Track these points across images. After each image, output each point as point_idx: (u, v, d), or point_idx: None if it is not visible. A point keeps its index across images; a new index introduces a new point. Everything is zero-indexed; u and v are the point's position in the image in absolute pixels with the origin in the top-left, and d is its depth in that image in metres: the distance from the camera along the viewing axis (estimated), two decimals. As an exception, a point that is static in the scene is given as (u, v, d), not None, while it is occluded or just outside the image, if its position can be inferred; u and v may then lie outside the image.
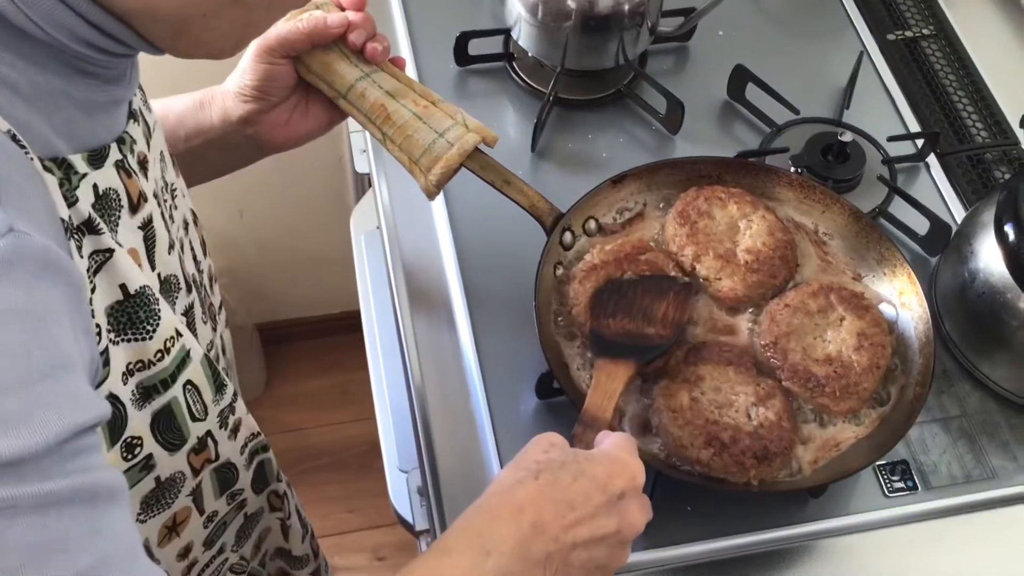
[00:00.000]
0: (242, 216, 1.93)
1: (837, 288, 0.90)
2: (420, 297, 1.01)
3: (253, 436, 0.82)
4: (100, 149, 0.63)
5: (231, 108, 0.90)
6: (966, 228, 0.97)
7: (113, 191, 0.64)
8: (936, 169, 1.11)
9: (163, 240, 0.71)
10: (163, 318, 0.65)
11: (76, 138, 0.61)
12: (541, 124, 1.10)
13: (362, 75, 0.88)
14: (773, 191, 0.98)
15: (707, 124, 1.14)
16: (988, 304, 0.92)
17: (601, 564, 0.68)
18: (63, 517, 0.49)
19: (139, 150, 0.69)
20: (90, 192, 0.61)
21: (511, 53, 1.18)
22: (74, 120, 0.61)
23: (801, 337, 0.87)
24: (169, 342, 0.66)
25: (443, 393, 0.95)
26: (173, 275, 0.73)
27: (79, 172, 0.60)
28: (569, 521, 0.66)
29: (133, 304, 0.63)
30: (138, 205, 0.67)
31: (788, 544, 0.87)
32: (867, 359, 0.86)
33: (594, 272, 0.90)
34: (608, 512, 0.68)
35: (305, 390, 2.20)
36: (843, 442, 0.86)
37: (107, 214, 0.63)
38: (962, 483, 0.90)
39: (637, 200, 0.97)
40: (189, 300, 0.76)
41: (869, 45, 1.22)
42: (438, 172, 0.87)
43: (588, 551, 0.67)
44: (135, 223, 0.67)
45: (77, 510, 0.50)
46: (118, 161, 0.65)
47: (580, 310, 0.89)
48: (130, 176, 0.66)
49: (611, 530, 0.67)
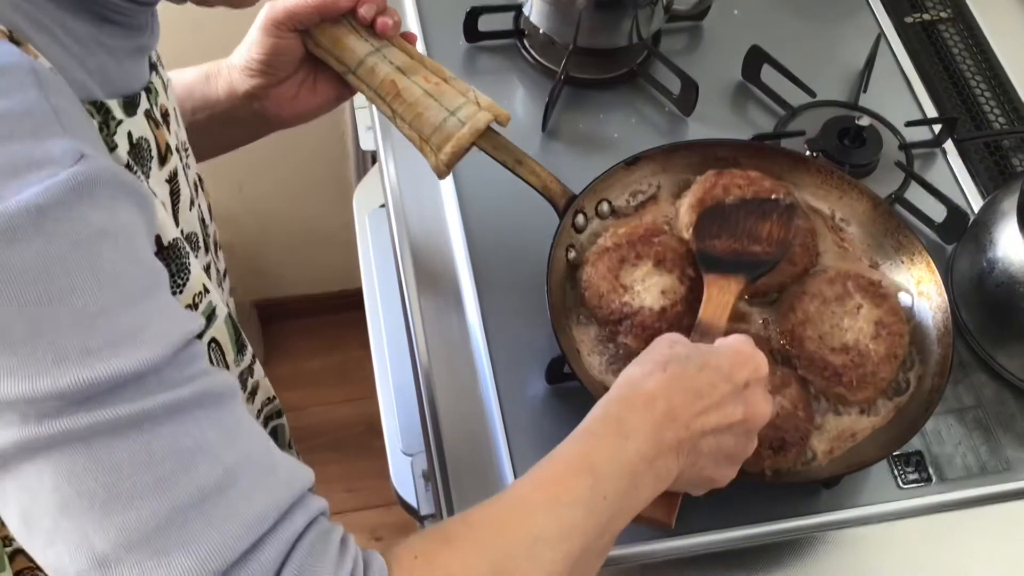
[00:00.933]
0: (241, 190, 1.91)
1: (855, 276, 0.88)
2: (427, 277, 0.99)
3: (269, 400, 0.82)
4: (133, 96, 0.63)
5: (237, 82, 0.88)
6: (985, 216, 0.95)
7: (145, 140, 0.64)
8: (953, 155, 1.09)
9: (185, 195, 0.71)
10: (192, 273, 0.65)
11: (109, 83, 0.61)
12: (552, 103, 1.08)
13: (372, 50, 0.86)
14: (790, 175, 0.95)
15: (721, 106, 1.12)
16: (1006, 294, 0.90)
17: (729, 453, 0.69)
18: (199, 421, 0.51)
19: (161, 102, 0.69)
20: (126, 140, 0.61)
21: (522, 30, 1.15)
22: (106, 65, 0.61)
23: (818, 326, 0.86)
24: (198, 297, 0.66)
25: (451, 377, 0.93)
26: (194, 232, 0.73)
27: (116, 118, 0.60)
28: (698, 409, 0.67)
29: (167, 256, 0.63)
30: (165, 157, 0.67)
31: (801, 535, 0.86)
32: (884, 348, 0.85)
33: (607, 254, 0.88)
34: (734, 401, 0.69)
35: (303, 369, 2.18)
36: (859, 432, 0.84)
37: (141, 163, 0.63)
38: (977, 475, 0.89)
39: (651, 183, 0.95)
40: (207, 260, 0.76)
41: (886, 28, 1.20)
42: (449, 151, 0.85)
43: (716, 439, 0.68)
44: (163, 175, 0.66)
45: (209, 412, 0.52)
46: (147, 110, 0.65)
47: (592, 293, 0.87)
48: (158, 126, 0.66)
49: (737, 418, 0.68)
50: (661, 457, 0.65)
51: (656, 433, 0.66)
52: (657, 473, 0.65)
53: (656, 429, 0.66)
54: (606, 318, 0.86)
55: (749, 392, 0.69)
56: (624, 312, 0.85)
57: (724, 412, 0.68)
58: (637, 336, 0.84)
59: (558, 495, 0.62)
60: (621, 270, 0.87)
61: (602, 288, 0.87)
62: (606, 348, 0.87)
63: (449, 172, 0.87)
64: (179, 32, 1.17)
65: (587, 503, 0.62)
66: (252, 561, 0.50)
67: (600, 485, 0.63)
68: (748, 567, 0.84)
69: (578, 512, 0.61)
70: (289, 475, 0.55)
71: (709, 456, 0.68)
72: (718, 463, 0.69)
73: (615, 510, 0.63)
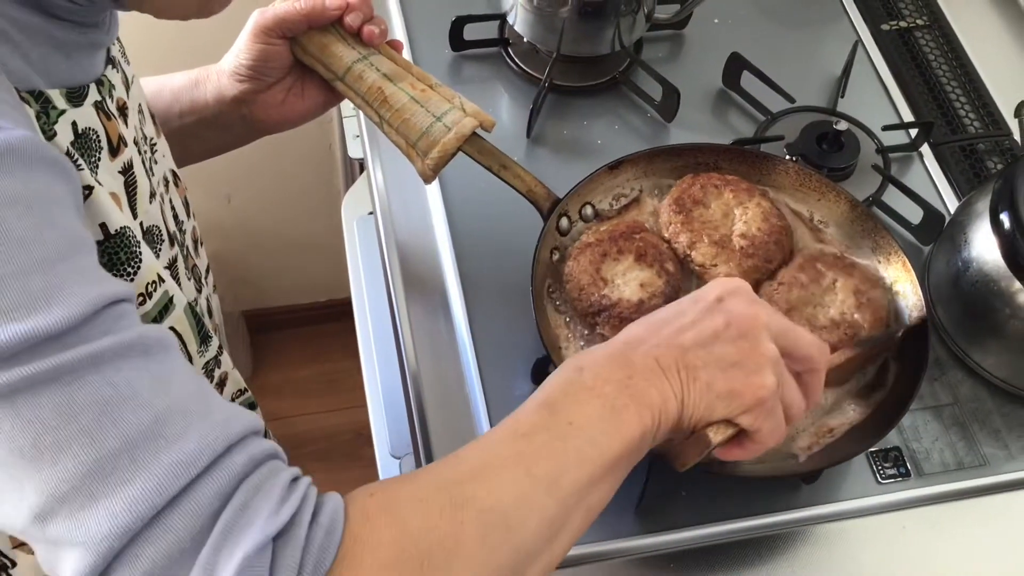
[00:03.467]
0: (230, 201, 1.92)
1: (820, 256, 0.91)
2: (415, 282, 1.01)
3: (240, 392, 0.83)
4: (79, 88, 0.64)
5: (226, 87, 0.90)
6: (960, 217, 0.97)
7: (93, 131, 0.64)
8: (930, 159, 1.12)
9: (144, 188, 0.71)
10: (144, 261, 0.66)
11: (53, 75, 0.62)
12: (537, 110, 1.10)
13: (359, 57, 0.88)
14: (770, 179, 0.98)
15: (702, 112, 1.14)
16: (981, 293, 0.92)
17: (733, 361, 0.66)
18: (122, 371, 0.51)
19: (118, 95, 0.70)
20: (69, 129, 0.62)
21: (507, 39, 1.17)
22: (51, 57, 0.62)
23: (802, 310, 0.88)
24: (151, 286, 0.67)
25: (438, 378, 0.94)
26: (156, 226, 0.73)
27: (57, 108, 0.61)
28: (668, 332, 0.66)
29: (114, 244, 0.64)
30: (118, 149, 0.68)
31: (781, 529, 0.87)
32: (871, 315, 0.87)
33: (589, 249, 0.90)
34: (708, 314, 0.67)
35: (291, 378, 2.19)
36: (836, 428, 0.86)
37: (87, 153, 0.63)
38: (954, 470, 0.91)
39: (633, 186, 0.97)
40: (172, 254, 0.77)
41: (864, 35, 1.22)
42: (435, 156, 0.87)
43: (706, 350, 0.65)
44: (115, 167, 0.67)
45: (134, 362, 0.52)
46: (97, 102, 0.66)
47: (573, 286, 0.89)
48: (109, 119, 0.67)
49: (719, 325, 0.66)
50: (635, 376, 0.63)
51: (614, 360, 0.64)
52: (637, 393, 0.63)
53: (613, 357, 0.65)
54: (585, 310, 0.88)
55: (724, 303, 0.68)
56: (603, 304, 0.87)
57: (700, 326, 0.66)
58: (615, 327, 0.86)
59: (515, 427, 0.61)
60: (603, 264, 0.89)
61: (583, 281, 0.88)
62: (589, 344, 0.88)
63: (435, 177, 0.89)
64: (171, 37, 1.19)
65: (548, 429, 0.61)
66: (186, 502, 0.50)
67: (561, 412, 0.62)
68: (729, 562, 0.85)
69: (538, 438, 0.60)
70: (226, 419, 0.54)
71: (709, 368, 0.65)
72: (727, 373, 0.65)
73: (595, 434, 0.61)
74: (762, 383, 0.66)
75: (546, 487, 0.59)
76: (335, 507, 0.54)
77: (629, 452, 0.63)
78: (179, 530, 0.49)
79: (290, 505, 0.52)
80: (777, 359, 0.67)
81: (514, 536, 0.57)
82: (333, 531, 0.52)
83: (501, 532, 0.56)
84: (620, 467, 0.63)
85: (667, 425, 0.65)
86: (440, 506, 0.55)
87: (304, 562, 0.51)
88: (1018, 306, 0.90)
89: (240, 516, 0.50)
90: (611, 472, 0.62)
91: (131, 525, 0.48)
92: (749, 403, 0.65)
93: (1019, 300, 0.90)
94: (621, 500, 0.85)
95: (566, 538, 0.60)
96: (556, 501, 0.59)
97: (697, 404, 0.65)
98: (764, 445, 0.68)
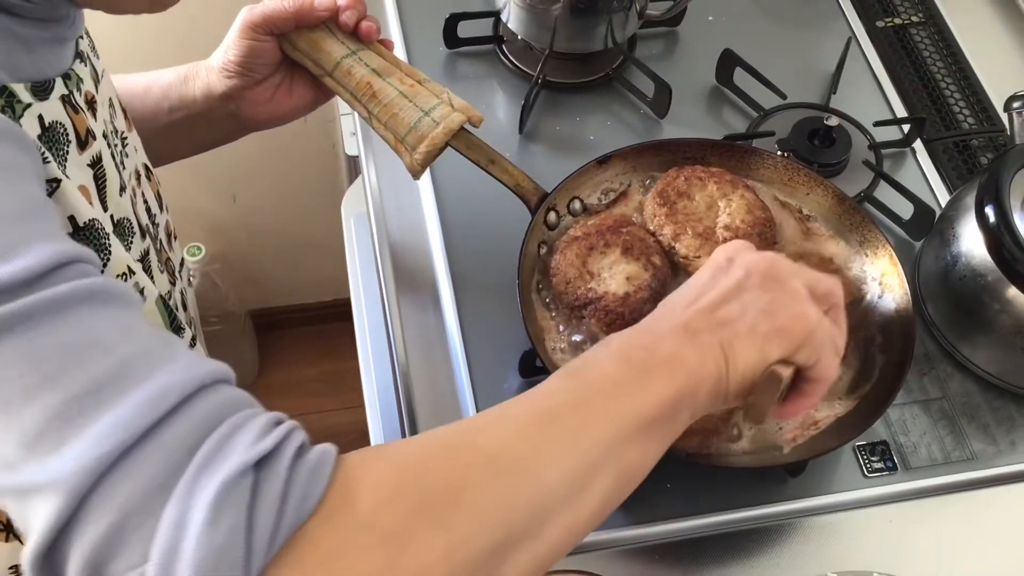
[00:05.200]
0: (235, 201, 1.93)
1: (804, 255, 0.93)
2: (406, 278, 1.02)
3: None
4: (44, 82, 0.64)
5: (214, 83, 0.91)
6: (949, 212, 0.97)
7: (60, 124, 0.65)
8: (922, 155, 1.12)
9: (114, 181, 0.72)
10: (114, 254, 0.67)
11: (17, 69, 0.62)
12: (529, 106, 1.10)
13: (348, 53, 0.89)
14: (758, 173, 0.98)
15: (695, 108, 1.15)
16: (969, 287, 0.92)
17: (768, 301, 0.65)
18: (84, 317, 0.50)
19: (86, 89, 0.71)
20: (35, 123, 0.62)
21: (500, 36, 1.18)
22: (14, 51, 0.62)
23: None
24: (121, 278, 0.68)
25: (428, 373, 0.95)
26: (126, 218, 0.74)
27: (22, 101, 0.61)
28: (687, 300, 0.65)
29: (82, 237, 0.64)
30: (86, 142, 0.68)
31: (768, 522, 0.87)
32: None
33: (576, 243, 0.90)
34: (725, 273, 0.67)
35: (296, 377, 2.20)
36: (821, 421, 0.86)
37: (55, 147, 0.64)
38: (942, 464, 0.91)
39: (622, 181, 0.98)
40: (145, 246, 0.77)
41: (858, 31, 1.23)
42: (423, 151, 0.87)
43: (735, 301, 0.65)
44: (84, 160, 0.68)
45: (96, 309, 0.51)
46: (64, 96, 0.66)
47: (560, 279, 0.90)
48: (77, 112, 0.67)
49: (740, 277, 0.66)
50: (665, 342, 0.62)
51: (641, 332, 0.63)
52: (667, 356, 0.61)
53: (639, 331, 0.64)
54: (571, 303, 0.88)
55: (736, 261, 0.67)
56: (589, 297, 0.87)
57: (721, 285, 0.66)
58: (600, 320, 0.86)
59: (534, 391, 0.60)
60: (589, 257, 0.89)
61: (569, 274, 0.89)
62: (573, 335, 0.89)
63: (423, 171, 0.89)
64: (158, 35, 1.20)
65: (569, 390, 0.59)
66: (159, 436, 0.48)
67: (583, 375, 0.60)
68: (715, 554, 0.85)
69: (557, 396, 0.58)
70: (196, 363, 0.52)
71: (746, 316, 0.64)
72: (767, 313, 0.64)
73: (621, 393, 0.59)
74: (805, 313, 0.64)
75: (566, 440, 0.56)
76: (325, 448, 0.52)
77: (663, 414, 0.60)
78: (153, 464, 0.48)
79: (273, 437, 0.50)
80: (807, 293, 0.66)
81: (529, 483, 0.54)
82: (322, 466, 0.50)
83: (512, 478, 0.53)
84: (656, 430, 0.60)
85: (709, 385, 0.62)
86: (444, 449, 0.53)
87: (288, 493, 0.48)
88: (1006, 300, 0.90)
89: (219, 448, 0.49)
90: (644, 433, 0.59)
91: (100, 461, 0.47)
92: (800, 336, 0.64)
93: (1007, 294, 0.90)
94: (606, 492, 0.86)
95: (594, 498, 0.57)
96: (578, 455, 0.56)
97: (747, 353, 0.63)
98: (827, 381, 0.67)
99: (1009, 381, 0.94)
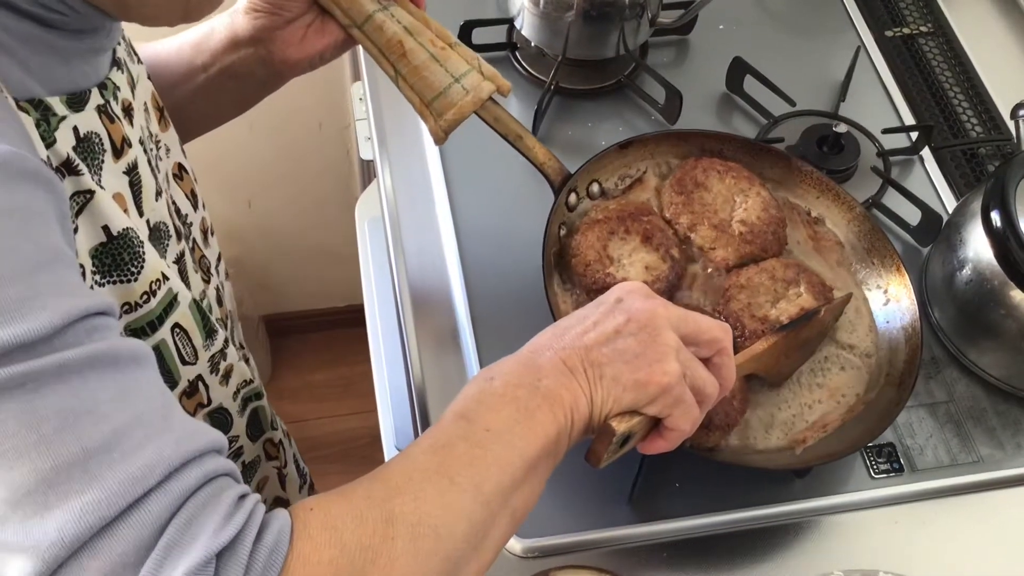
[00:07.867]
0: (250, 206, 1.95)
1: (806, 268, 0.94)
2: (420, 284, 1.03)
3: (246, 383, 0.83)
4: (80, 93, 0.65)
5: (240, 26, 0.86)
6: (956, 218, 0.98)
7: (95, 135, 0.65)
8: (930, 162, 1.13)
9: (150, 186, 0.72)
10: (148, 261, 0.67)
11: (53, 81, 0.63)
12: (542, 112, 1.12)
13: (380, 7, 0.85)
14: (771, 172, 0.99)
15: (705, 115, 1.16)
16: (976, 292, 0.93)
17: (636, 353, 0.68)
18: (88, 382, 0.51)
19: (123, 97, 0.71)
20: (70, 134, 0.63)
21: (514, 42, 1.20)
22: (50, 65, 0.63)
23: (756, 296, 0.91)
24: (155, 284, 0.68)
25: (441, 379, 0.96)
26: (162, 222, 0.74)
27: (57, 114, 0.62)
28: (571, 335, 0.68)
29: (116, 246, 0.65)
30: (122, 150, 0.68)
31: (774, 522, 0.88)
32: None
33: (597, 226, 0.92)
34: (609, 314, 0.69)
35: (309, 382, 2.22)
36: (830, 424, 0.87)
37: (90, 157, 0.64)
38: (948, 466, 0.92)
39: (639, 167, 0.99)
40: (180, 248, 0.78)
41: (867, 41, 1.24)
42: (450, 118, 0.86)
43: (609, 346, 0.68)
44: (120, 168, 0.68)
45: (101, 374, 0.52)
46: (100, 106, 0.67)
47: (579, 260, 0.90)
48: (113, 121, 0.68)
49: (620, 322, 0.68)
50: (545, 379, 0.66)
51: (523, 366, 0.67)
52: (548, 394, 0.65)
53: (521, 363, 0.67)
54: (590, 287, 0.89)
55: (623, 303, 0.70)
56: (607, 282, 0.88)
57: (602, 326, 0.69)
58: None
59: (435, 440, 0.63)
60: (609, 242, 0.91)
61: (589, 257, 0.90)
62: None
63: (447, 138, 0.87)
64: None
65: (466, 438, 0.63)
66: (136, 515, 0.50)
67: (477, 421, 0.63)
68: (722, 552, 0.86)
69: (458, 448, 0.62)
70: (185, 435, 0.54)
71: (614, 363, 0.67)
72: (631, 364, 0.67)
73: (512, 438, 0.63)
74: (664, 370, 0.67)
75: (471, 494, 0.60)
76: (281, 526, 0.55)
77: (547, 452, 0.65)
78: (125, 542, 0.50)
79: (235, 523, 0.53)
80: (679, 347, 0.69)
81: (444, 545, 0.59)
82: (277, 550, 0.53)
83: (431, 542, 0.58)
84: (540, 467, 0.65)
85: (581, 423, 0.67)
86: (373, 523, 0.57)
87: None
88: (1012, 305, 0.91)
89: (184, 532, 0.51)
90: (532, 473, 0.64)
91: (79, 535, 0.49)
92: (654, 391, 0.67)
93: (1013, 299, 0.91)
94: (614, 490, 0.87)
95: (494, 542, 0.62)
96: (481, 506, 0.61)
97: (606, 398, 0.67)
98: (681, 432, 0.70)
99: (1015, 385, 0.95)
